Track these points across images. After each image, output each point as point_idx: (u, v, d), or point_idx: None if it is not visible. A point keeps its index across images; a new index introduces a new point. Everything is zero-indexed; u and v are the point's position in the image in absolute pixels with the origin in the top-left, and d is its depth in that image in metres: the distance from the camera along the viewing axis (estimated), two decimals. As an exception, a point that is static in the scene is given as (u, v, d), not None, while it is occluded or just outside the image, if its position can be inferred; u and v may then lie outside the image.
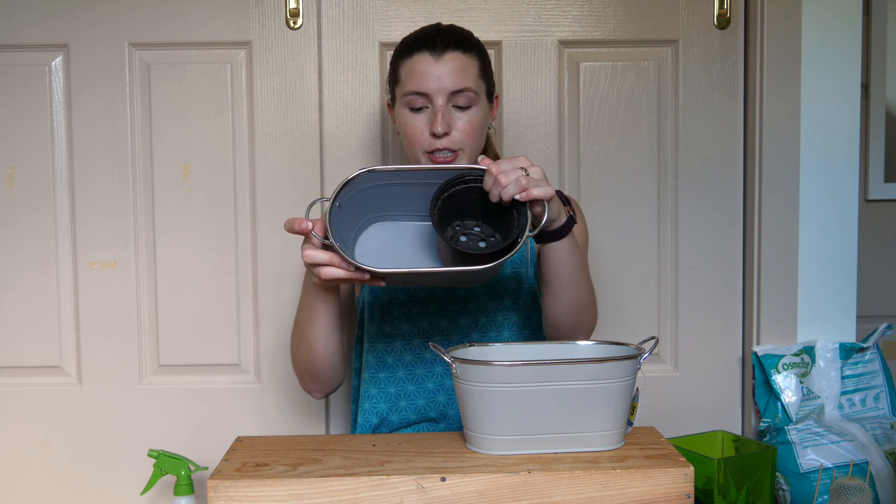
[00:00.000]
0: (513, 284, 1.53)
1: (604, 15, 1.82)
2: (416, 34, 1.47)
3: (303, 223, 1.26)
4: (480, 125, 1.46)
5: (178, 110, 1.81)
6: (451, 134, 1.43)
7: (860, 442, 1.65)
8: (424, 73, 1.43)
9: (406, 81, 1.45)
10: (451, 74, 1.42)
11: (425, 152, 1.45)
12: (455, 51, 1.43)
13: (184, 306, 1.83)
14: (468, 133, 1.45)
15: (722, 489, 1.49)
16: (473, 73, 1.45)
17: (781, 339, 1.79)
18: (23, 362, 1.84)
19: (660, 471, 1.15)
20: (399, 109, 1.47)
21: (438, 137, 1.43)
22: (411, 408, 1.52)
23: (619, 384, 1.20)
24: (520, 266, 1.54)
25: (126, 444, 1.83)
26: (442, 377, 1.52)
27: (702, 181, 1.83)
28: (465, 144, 1.45)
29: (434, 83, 1.42)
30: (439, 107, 1.42)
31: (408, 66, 1.45)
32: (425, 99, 1.44)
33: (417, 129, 1.45)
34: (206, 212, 1.83)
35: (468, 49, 1.45)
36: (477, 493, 1.13)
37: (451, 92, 1.42)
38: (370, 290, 1.54)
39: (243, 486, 1.13)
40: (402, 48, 1.47)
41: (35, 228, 1.82)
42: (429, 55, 1.43)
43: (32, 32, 1.80)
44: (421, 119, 1.45)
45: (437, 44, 1.43)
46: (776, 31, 1.76)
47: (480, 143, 1.49)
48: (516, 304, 1.53)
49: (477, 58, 1.46)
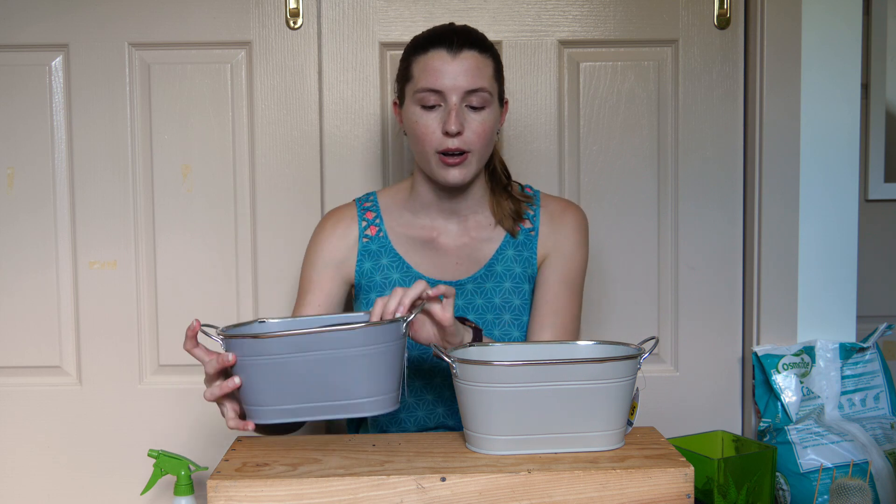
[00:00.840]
0: (516, 300, 1.52)
1: (604, 15, 1.82)
2: (431, 31, 1.46)
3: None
4: (492, 128, 1.45)
5: (178, 110, 1.81)
6: (463, 134, 1.42)
7: (860, 442, 1.65)
8: (440, 69, 1.40)
9: (420, 78, 1.43)
10: (467, 73, 1.40)
11: (436, 152, 1.43)
12: (472, 49, 1.42)
13: (184, 306, 1.83)
14: (480, 135, 1.43)
15: (722, 489, 1.49)
16: (489, 74, 1.43)
17: (781, 339, 1.79)
18: (23, 362, 1.84)
19: (660, 471, 1.15)
20: (409, 107, 1.45)
21: (451, 136, 1.41)
22: (410, 419, 1.52)
23: (619, 384, 1.20)
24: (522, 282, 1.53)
25: (126, 444, 1.83)
26: (441, 388, 1.52)
27: (702, 181, 1.83)
28: (475, 146, 1.43)
29: (450, 80, 1.40)
30: (453, 105, 1.40)
31: (422, 63, 1.43)
32: (439, 97, 1.41)
33: (429, 128, 1.43)
34: (206, 212, 1.83)
35: (484, 49, 1.44)
36: (477, 493, 1.13)
37: (466, 91, 1.41)
38: (365, 303, 1.53)
39: (243, 486, 1.13)
40: (416, 45, 1.45)
41: (35, 228, 1.82)
42: (445, 52, 1.41)
43: (32, 32, 1.80)
44: (433, 117, 1.42)
45: (454, 41, 1.41)
46: (776, 31, 1.76)
47: (489, 149, 1.47)
48: (519, 320, 1.52)
49: (492, 59, 1.45)
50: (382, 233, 1.55)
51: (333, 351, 1.20)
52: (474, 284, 1.52)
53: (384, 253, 1.53)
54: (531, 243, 1.54)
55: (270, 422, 1.25)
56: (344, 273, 1.55)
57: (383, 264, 1.53)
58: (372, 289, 1.53)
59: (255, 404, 1.25)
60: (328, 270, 1.54)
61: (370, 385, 1.22)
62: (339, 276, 1.55)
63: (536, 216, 1.55)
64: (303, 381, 1.22)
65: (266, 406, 1.24)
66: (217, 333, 1.26)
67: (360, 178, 1.82)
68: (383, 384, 1.23)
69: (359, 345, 1.21)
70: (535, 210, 1.56)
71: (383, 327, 1.22)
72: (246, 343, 1.22)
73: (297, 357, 1.21)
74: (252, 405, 1.25)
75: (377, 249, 1.54)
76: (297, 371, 1.21)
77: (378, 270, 1.53)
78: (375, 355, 1.21)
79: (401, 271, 1.52)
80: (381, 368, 1.22)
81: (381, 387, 1.23)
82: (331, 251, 1.55)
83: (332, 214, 1.59)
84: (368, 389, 1.23)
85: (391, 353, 1.23)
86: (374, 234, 1.55)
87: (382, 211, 1.56)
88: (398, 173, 1.83)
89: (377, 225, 1.55)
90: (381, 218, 1.56)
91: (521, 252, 1.54)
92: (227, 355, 1.24)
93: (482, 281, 1.52)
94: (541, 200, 1.57)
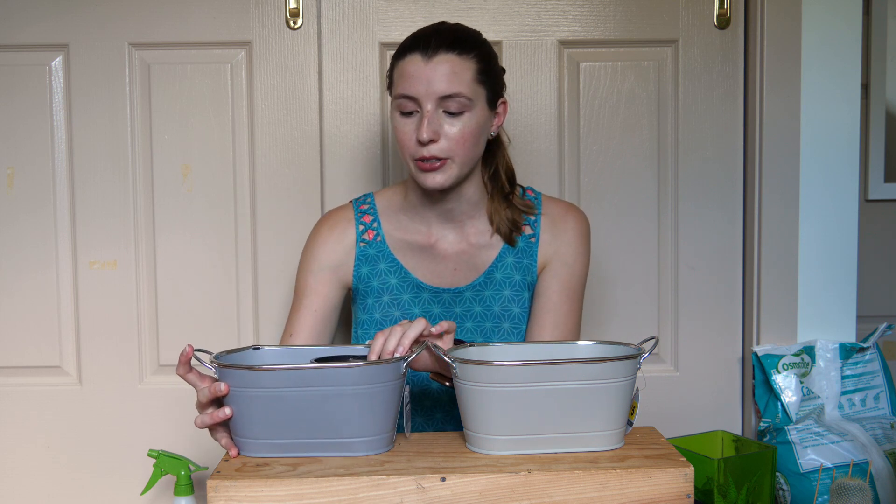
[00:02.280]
0: (515, 308, 1.51)
1: (604, 15, 1.82)
2: (413, 34, 1.43)
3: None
4: (474, 133, 1.40)
5: (178, 110, 1.81)
6: (438, 141, 1.38)
7: (860, 442, 1.65)
8: (413, 75, 1.37)
9: (397, 84, 1.40)
10: (441, 78, 1.36)
11: (413, 159, 1.40)
12: (448, 52, 1.37)
13: (184, 306, 1.83)
14: (458, 141, 1.39)
15: (722, 489, 1.49)
16: (468, 78, 1.38)
17: (781, 339, 1.79)
18: (23, 362, 1.84)
19: (660, 471, 1.15)
20: (392, 112, 1.43)
21: (424, 145, 1.38)
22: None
23: (619, 384, 1.20)
24: (521, 290, 1.52)
25: (126, 444, 1.83)
26: (439, 393, 1.51)
27: (702, 181, 1.83)
28: (454, 153, 1.39)
29: (423, 87, 1.37)
30: (427, 112, 1.37)
31: (399, 68, 1.40)
32: (414, 103, 1.38)
33: (406, 135, 1.40)
34: (206, 212, 1.83)
35: (465, 51, 1.38)
36: (477, 493, 1.13)
37: (441, 97, 1.37)
38: (363, 308, 1.52)
39: (243, 486, 1.13)
40: (399, 49, 1.42)
41: (35, 228, 1.82)
42: (419, 57, 1.37)
43: (32, 32, 1.80)
44: (410, 124, 1.40)
45: (429, 45, 1.37)
46: (776, 31, 1.76)
47: (475, 152, 1.43)
48: (518, 329, 1.51)
49: (475, 60, 1.39)
50: (380, 237, 1.53)
51: (329, 388, 1.18)
52: (473, 292, 1.50)
53: (382, 258, 1.52)
54: (531, 250, 1.51)
55: (259, 455, 1.22)
56: (341, 277, 1.53)
57: (381, 269, 1.51)
58: (369, 294, 1.51)
59: (245, 436, 1.22)
60: (324, 274, 1.52)
61: (365, 425, 1.20)
62: (336, 280, 1.53)
63: (537, 222, 1.53)
64: (295, 416, 1.19)
65: (256, 439, 1.21)
66: (210, 361, 1.23)
67: (360, 179, 1.82)
68: (379, 424, 1.21)
69: (356, 383, 1.18)
70: (535, 216, 1.53)
71: (383, 367, 1.20)
72: (238, 374, 1.20)
73: (292, 392, 1.18)
74: (242, 437, 1.22)
75: (374, 254, 1.52)
76: (290, 406, 1.19)
77: (375, 276, 1.51)
78: (372, 395, 1.19)
79: (398, 276, 1.51)
80: (377, 408, 1.20)
81: (376, 427, 1.21)
82: (327, 255, 1.53)
83: (328, 217, 1.57)
84: (363, 429, 1.20)
85: (389, 393, 1.20)
86: (371, 239, 1.53)
87: (380, 214, 1.54)
88: (398, 173, 1.83)
89: (374, 229, 1.53)
90: (378, 221, 1.54)
91: (521, 259, 1.51)
92: (220, 385, 1.20)
93: (481, 289, 1.50)
94: (542, 205, 1.54)
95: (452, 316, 1.50)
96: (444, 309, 1.50)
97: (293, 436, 1.20)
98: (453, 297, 1.50)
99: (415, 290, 1.50)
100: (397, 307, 1.50)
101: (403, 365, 1.22)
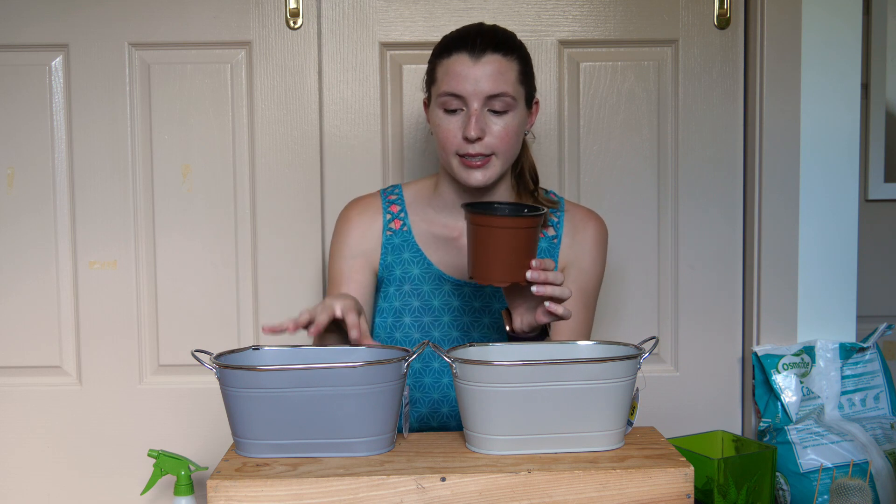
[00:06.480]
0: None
1: (604, 15, 1.82)
2: (456, 33, 1.45)
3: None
4: (516, 131, 1.44)
5: (178, 110, 1.81)
6: (484, 139, 1.41)
7: (860, 442, 1.65)
8: (461, 74, 1.40)
9: (442, 82, 1.43)
10: (488, 78, 1.40)
11: (457, 155, 1.43)
12: (495, 53, 1.41)
13: (184, 306, 1.83)
14: (502, 139, 1.42)
15: (722, 489, 1.49)
16: (512, 78, 1.42)
17: (781, 339, 1.79)
18: (23, 362, 1.84)
19: (660, 471, 1.15)
20: (433, 110, 1.45)
21: (471, 142, 1.41)
22: (413, 414, 1.52)
23: (619, 384, 1.20)
24: None
25: (126, 444, 1.83)
26: (447, 388, 1.52)
27: (702, 181, 1.83)
28: (498, 150, 1.43)
29: (470, 86, 1.40)
30: (474, 110, 1.40)
31: (444, 66, 1.43)
32: (460, 101, 1.41)
33: (450, 132, 1.43)
34: (206, 212, 1.83)
35: (508, 52, 1.42)
36: (477, 493, 1.13)
37: (488, 96, 1.40)
38: (383, 296, 1.53)
39: (243, 486, 1.13)
40: (441, 47, 1.45)
41: (35, 228, 1.82)
42: (467, 56, 1.40)
43: (32, 32, 1.80)
44: (455, 121, 1.42)
45: (476, 45, 1.40)
46: (776, 31, 1.76)
47: (515, 150, 1.47)
48: None
49: (517, 61, 1.44)
50: (406, 227, 1.54)
51: (330, 388, 1.18)
52: (493, 288, 1.51)
53: (406, 247, 1.53)
54: (553, 251, 1.53)
55: (260, 456, 1.22)
56: (371, 263, 1.54)
57: (405, 259, 1.53)
58: (391, 282, 1.53)
59: (245, 437, 1.22)
60: (358, 261, 1.53)
61: (365, 425, 1.20)
62: (368, 266, 1.54)
63: (560, 223, 1.55)
64: (296, 416, 1.19)
65: (256, 440, 1.21)
66: (211, 361, 1.24)
67: (360, 178, 1.82)
68: (379, 424, 1.21)
69: (356, 383, 1.18)
70: (559, 217, 1.55)
71: (383, 367, 1.20)
72: (239, 374, 1.20)
73: (292, 392, 1.18)
74: (242, 437, 1.22)
75: (400, 244, 1.53)
76: (290, 406, 1.19)
77: (399, 264, 1.53)
78: (373, 395, 1.19)
79: (421, 267, 1.52)
80: (377, 408, 1.20)
81: (376, 427, 1.21)
82: (358, 241, 1.54)
83: (357, 203, 1.58)
84: (363, 429, 1.20)
85: (389, 393, 1.20)
86: (397, 228, 1.54)
87: (407, 205, 1.56)
88: (398, 173, 1.83)
89: (401, 219, 1.55)
90: (405, 212, 1.55)
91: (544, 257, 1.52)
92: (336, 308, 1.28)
93: None
94: (565, 207, 1.56)
95: (471, 310, 1.51)
96: (464, 302, 1.52)
97: (294, 436, 1.21)
98: (474, 291, 1.52)
99: (437, 281, 1.52)
100: (417, 297, 1.52)
101: (404, 365, 1.22)
